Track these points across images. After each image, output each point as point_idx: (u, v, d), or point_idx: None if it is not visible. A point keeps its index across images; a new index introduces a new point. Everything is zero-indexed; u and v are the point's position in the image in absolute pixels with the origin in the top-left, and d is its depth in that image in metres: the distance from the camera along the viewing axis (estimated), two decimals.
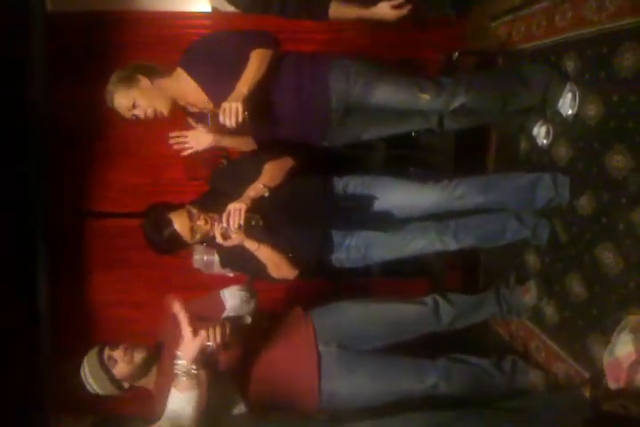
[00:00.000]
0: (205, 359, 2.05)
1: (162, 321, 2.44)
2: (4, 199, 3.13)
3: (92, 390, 2.29)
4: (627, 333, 1.25)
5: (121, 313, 3.69)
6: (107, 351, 2.26)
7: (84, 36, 3.53)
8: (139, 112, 2.27)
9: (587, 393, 2.13)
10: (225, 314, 2.33)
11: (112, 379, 2.25)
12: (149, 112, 2.27)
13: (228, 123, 2.00)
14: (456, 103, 2.35)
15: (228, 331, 2.08)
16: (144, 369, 2.28)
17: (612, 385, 1.28)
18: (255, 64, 2.16)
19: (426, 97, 2.32)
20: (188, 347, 1.93)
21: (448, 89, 2.35)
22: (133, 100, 2.24)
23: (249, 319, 2.31)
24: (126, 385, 2.31)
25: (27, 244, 3.44)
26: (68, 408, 3.62)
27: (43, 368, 3.48)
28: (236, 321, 2.23)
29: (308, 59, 2.38)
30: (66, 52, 3.51)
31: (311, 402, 2.28)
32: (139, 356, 2.24)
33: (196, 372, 1.93)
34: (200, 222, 2.18)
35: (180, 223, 2.16)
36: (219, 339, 2.05)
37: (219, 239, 2.15)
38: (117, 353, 2.24)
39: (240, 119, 1.99)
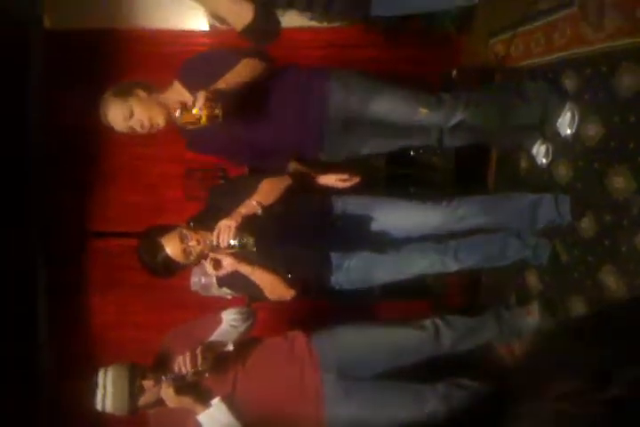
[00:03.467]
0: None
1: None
2: (5, 219, 3.12)
3: (100, 406, 2.15)
4: None
5: (121, 333, 3.67)
6: (139, 378, 2.16)
7: (83, 55, 3.53)
8: (135, 123, 2.18)
9: None
10: (211, 338, 2.30)
11: (133, 405, 2.15)
12: (146, 122, 2.18)
13: (197, 112, 1.90)
14: (455, 119, 2.32)
15: (199, 358, 2.07)
16: (164, 403, 2.20)
17: None
18: (240, 68, 2.12)
19: (424, 111, 2.30)
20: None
21: (447, 104, 2.32)
22: (130, 109, 2.17)
23: (230, 346, 2.27)
24: (139, 411, 2.22)
25: (27, 264, 3.43)
26: None
27: (44, 391, 3.46)
28: (213, 348, 2.21)
29: (306, 70, 2.36)
30: (65, 71, 3.51)
31: None
32: (165, 391, 2.14)
33: None
34: (192, 243, 2.14)
35: (171, 247, 2.13)
36: (189, 366, 2.05)
37: (209, 271, 2.12)
38: (148, 384, 2.16)
39: (207, 106, 1.89)
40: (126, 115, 2.18)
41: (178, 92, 2.27)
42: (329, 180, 2.43)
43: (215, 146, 2.39)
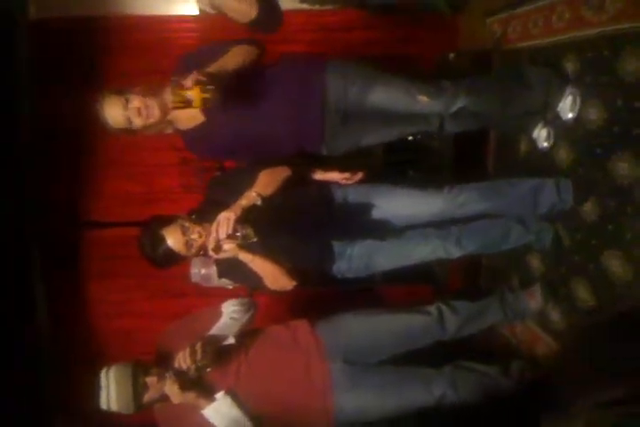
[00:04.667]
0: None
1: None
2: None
3: (104, 406, 2.14)
4: None
5: (122, 323, 3.66)
6: (141, 375, 2.14)
7: (71, 44, 3.45)
8: (132, 111, 2.13)
9: None
10: (211, 332, 2.30)
11: (138, 403, 2.13)
12: (143, 110, 2.13)
13: (189, 93, 1.91)
14: (456, 106, 2.30)
15: (199, 353, 2.07)
16: (168, 398, 2.18)
17: None
18: (230, 54, 2.10)
19: (424, 99, 2.27)
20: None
21: (448, 92, 2.30)
22: (126, 98, 2.14)
23: (232, 339, 2.28)
24: (143, 408, 2.20)
25: (23, 256, 3.40)
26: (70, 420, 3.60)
27: (45, 383, 3.46)
28: (214, 342, 2.21)
29: (302, 62, 2.33)
30: (52, 60, 3.44)
31: (326, 420, 2.26)
32: (170, 387, 2.13)
33: None
34: (194, 236, 2.13)
35: (173, 239, 2.12)
36: (189, 362, 2.05)
37: (210, 252, 2.10)
38: (151, 380, 2.14)
39: (198, 88, 1.90)
40: (123, 103, 2.14)
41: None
42: (333, 177, 2.43)
43: (215, 144, 2.35)
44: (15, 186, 3.30)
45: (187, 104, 1.94)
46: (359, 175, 2.45)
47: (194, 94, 1.91)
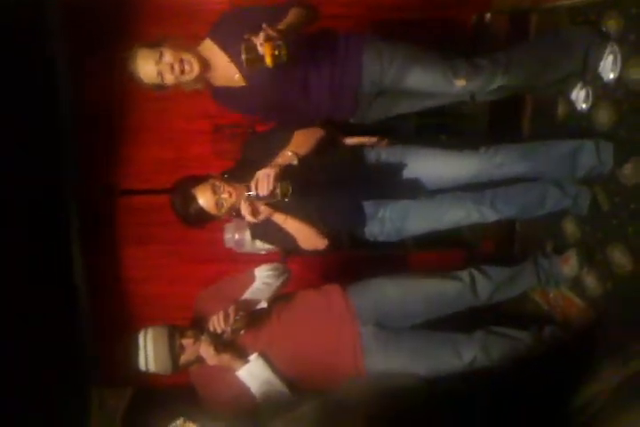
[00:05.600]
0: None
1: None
2: (36, 180, 3.14)
3: (142, 367, 2.19)
4: None
5: (154, 288, 3.72)
6: (177, 337, 2.20)
7: (102, 11, 3.44)
8: (164, 67, 2.10)
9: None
10: (244, 296, 2.33)
11: (175, 364, 2.19)
12: (176, 66, 2.10)
13: (260, 49, 1.86)
14: (494, 85, 2.30)
15: (232, 317, 2.11)
16: (204, 360, 2.24)
17: None
18: (293, 14, 2.07)
19: (461, 82, 2.26)
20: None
21: (486, 70, 2.28)
22: (160, 52, 2.11)
23: (264, 303, 2.31)
24: (180, 370, 2.26)
25: (60, 224, 3.47)
26: (107, 381, 3.70)
27: (82, 342, 3.55)
28: (247, 306, 2.25)
29: (342, 39, 2.30)
30: (85, 29, 3.43)
31: None
32: (205, 349, 2.18)
33: None
34: (225, 195, 2.15)
35: (204, 198, 2.15)
36: (222, 325, 2.10)
37: (247, 217, 2.12)
38: (187, 342, 2.20)
39: (269, 45, 1.85)
40: (156, 58, 2.12)
41: (209, 50, 2.22)
42: (360, 141, 2.46)
43: (247, 106, 2.37)
44: (55, 153, 3.36)
45: (260, 61, 1.89)
46: (385, 141, 2.44)
47: (265, 51, 1.86)
